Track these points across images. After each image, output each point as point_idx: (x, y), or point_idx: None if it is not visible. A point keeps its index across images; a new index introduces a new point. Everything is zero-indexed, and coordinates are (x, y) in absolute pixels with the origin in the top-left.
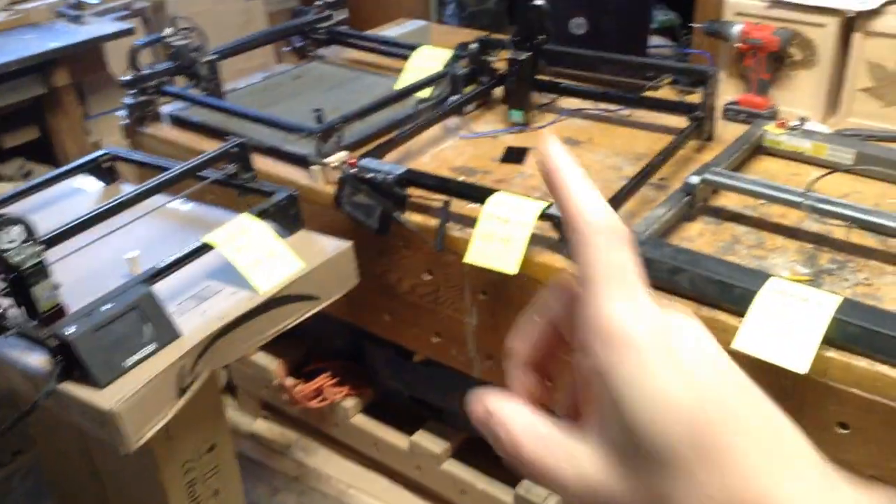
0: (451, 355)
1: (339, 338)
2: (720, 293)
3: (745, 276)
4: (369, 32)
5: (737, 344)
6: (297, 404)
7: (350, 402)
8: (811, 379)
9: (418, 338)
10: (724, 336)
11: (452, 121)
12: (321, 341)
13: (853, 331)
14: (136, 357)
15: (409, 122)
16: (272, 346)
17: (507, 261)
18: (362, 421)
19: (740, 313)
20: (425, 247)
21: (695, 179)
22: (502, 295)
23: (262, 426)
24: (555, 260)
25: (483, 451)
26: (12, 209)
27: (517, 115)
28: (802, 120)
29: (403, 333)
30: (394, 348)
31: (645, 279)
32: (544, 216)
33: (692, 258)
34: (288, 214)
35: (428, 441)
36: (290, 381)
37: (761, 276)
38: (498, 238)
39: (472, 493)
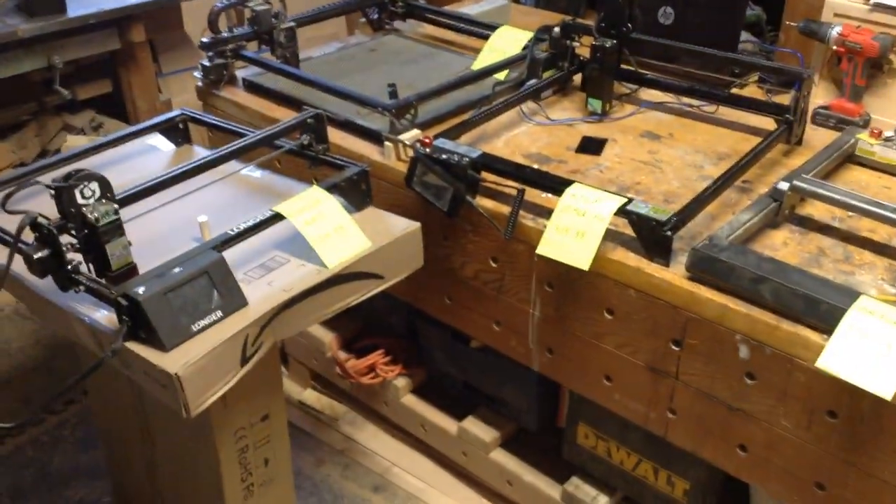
0: (510, 345)
1: (396, 316)
2: (806, 308)
3: (834, 292)
4: (447, 8)
5: (821, 362)
6: (349, 378)
7: (401, 382)
8: (893, 405)
9: (477, 324)
10: (805, 353)
11: (528, 106)
12: (377, 317)
13: None
14: (203, 322)
15: (485, 104)
16: (327, 319)
17: (580, 255)
18: (412, 401)
19: (824, 330)
20: (493, 233)
21: (784, 185)
22: (570, 289)
23: (311, 396)
24: (628, 258)
25: (532, 444)
26: (87, 163)
27: (596, 104)
28: None
29: (463, 318)
30: (450, 332)
31: None
32: (622, 212)
33: (777, 268)
34: (358, 190)
35: (477, 428)
36: (342, 355)
37: (851, 294)
38: (573, 231)
39: (517, 485)
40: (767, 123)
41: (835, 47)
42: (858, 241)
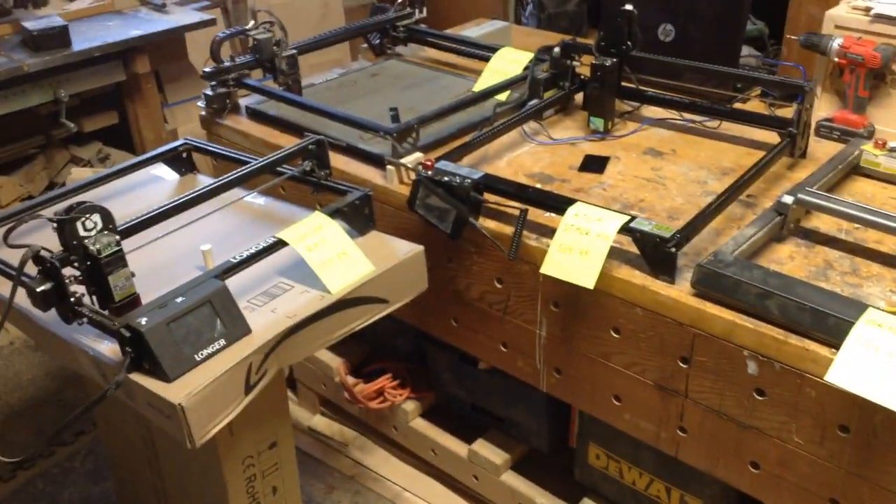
0: (518, 366)
1: (403, 339)
2: (813, 322)
3: (841, 305)
4: (448, 32)
5: (830, 377)
6: (358, 403)
7: (410, 405)
8: None
9: (484, 345)
10: (814, 367)
11: (530, 126)
12: (384, 341)
13: None
14: (206, 351)
15: (487, 125)
16: (335, 344)
17: (584, 274)
18: (422, 425)
19: (832, 344)
20: (498, 254)
21: (788, 199)
22: (576, 308)
23: (321, 422)
24: (633, 276)
25: (543, 466)
26: (91, 195)
27: (598, 123)
28: None
29: (469, 340)
30: (458, 354)
31: None
32: (625, 230)
33: (784, 283)
34: (361, 214)
35: (487, 450)
36: (351, 380)
37: (858, 307)
38: (576, 250)
39: None
40: (771, 137)
41: (837, 59)
42: (865, 252)
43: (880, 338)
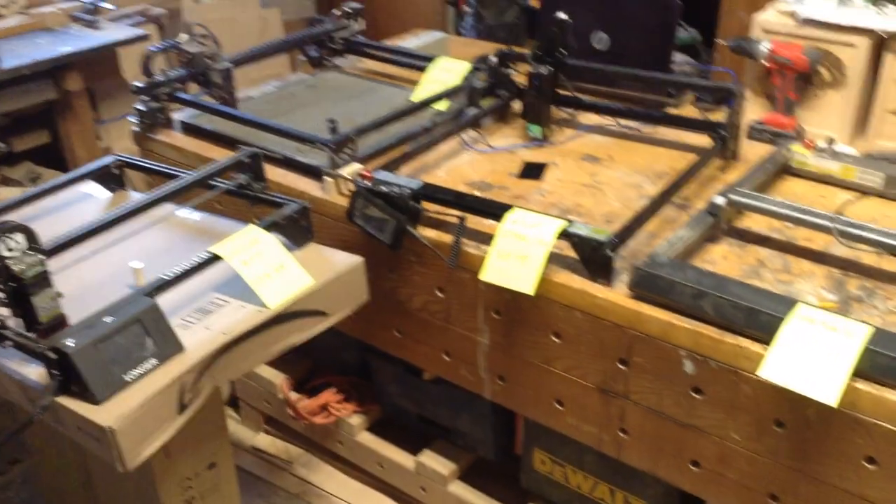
0: (461, 375)
1: (346, 353)
2: (746, 320)
3: (773, 302)
4: (386, 42)
5: (763, 372)
6: (302, 420)
7: (356, 419)
8: (838, 411)
9: (428, 356)
10: (749, 364)
11: (469, 134)
12: (327, 356)
13: (885, 362)
14: (136, 371)
15: (425, 134)
16: (276, 360)
17: (524, 280)
18: (368, 439)
19: (766, 341)
20: (438, 263)
21: (720, 200)
22: (517, 315)
23: (265, 440)
24: (572, 280)
25: (491, 474)
26: (18, 215)
27: (535, 130)
28: (831, 141)
29: (413, 351)
30: (402, 365)
31: None
32: (564, 234)
33: (717, 282)
34: (299, 227)
35: (434, 461)
36: (294, 396)
37: (789, 303)
38: (515, 256)
39: None
40: (703, 141)
41: (766, 63)
42: (796, 250)
43: (811, 333)
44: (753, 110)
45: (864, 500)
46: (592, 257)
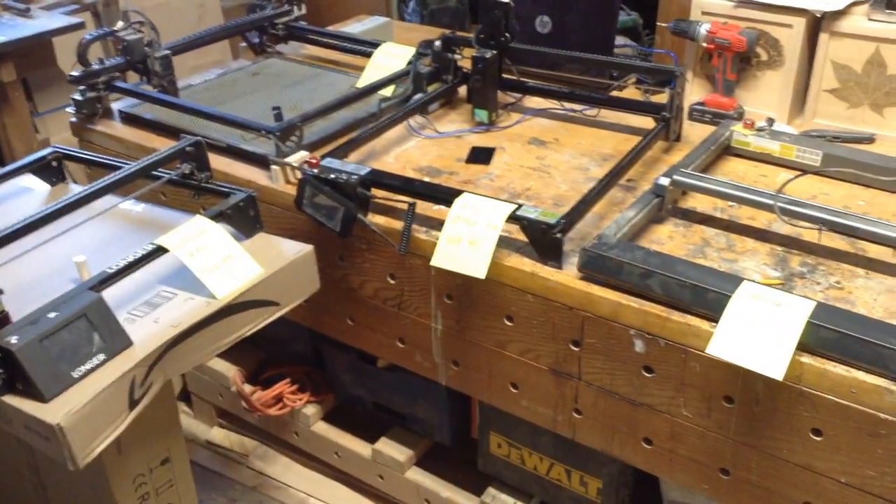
0: (416, 361)
1: (299, 343)
2: (693, 298)
3: (718, 280)
4: (329, 28)
5: (711, 349)
6: (256, 412)
7: (311, 410)
8: (784, 384)
9: (381, 343)
10: (697, 341)
11: (416, 120)
12: (280, 347)
13: (828, 336)
14: (84, 367)
15: (372, 121)
16: (228, 352)
17: (475, 265)
18: (323, 428)
19: (713, 318)
20: (389, 250)
21: (664, 181)
22: (469, 300)
23: (219, 434)
24: (523, 263)
25: (448, 459)
26: None
27: (482, 115)
28: (770, 121)
29: (366, 339)
30: (356, 354)
31: None
32: (513, 218)
33: (664, 262)
34: (246, 216)
35: (391, 448)
36: (247, 388)
37: (734, 281)
38: (465, 241)
39: (436, 502)
40: (647, 123)
41: (705, 45)
42: (740, 229)
43: (756, 309)
44: (694, 91)
45: (811, 472)
46: (542, 240)
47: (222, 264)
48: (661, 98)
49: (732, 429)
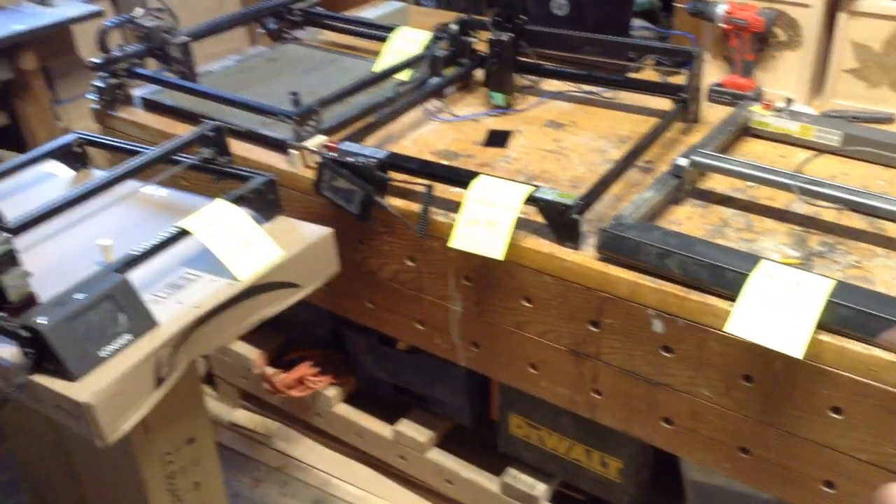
0: (435, 343)
1: (320, 326)
2: (711, 277)
3: (737, 259)
4: (346, 14)
5: (730, 328)
6: (278, 394)
7: (332, 391)
8: (804, 363)
9: (401, 325)
10: (716, 321)
11: (433, 104)
12: (301, 330)
13: (847, 314)
14: (111, 347)
15: (389, 105)
16: (251, 335)
17: (493, 246)
18: (345, 410)
19: (731, 297)
20: (407, 232)
21: (683, 161)
22: (487, 281)
23: (243, 416)
24: (540, 244)
25: (468, 440)
26: None
27: (499, 98)
28: (789, 101)
29: (386, 321)
30: (376, 336)
31: None
32: (531, 200)
33: (682, 241)
34: (266, 200)
35: (412, 430)
36: (270, 371)
37: (753, 260)
38: (483, 223)
39: (457, 482)
40: (665, 104)
41: (723, 25)
42: (759, 209)
43: (775, 288)
44: (712, 73)
45: (830, 450)
46: (559, 221)
47: (243, 246)
48: (679, 79)
49: (752, 408)
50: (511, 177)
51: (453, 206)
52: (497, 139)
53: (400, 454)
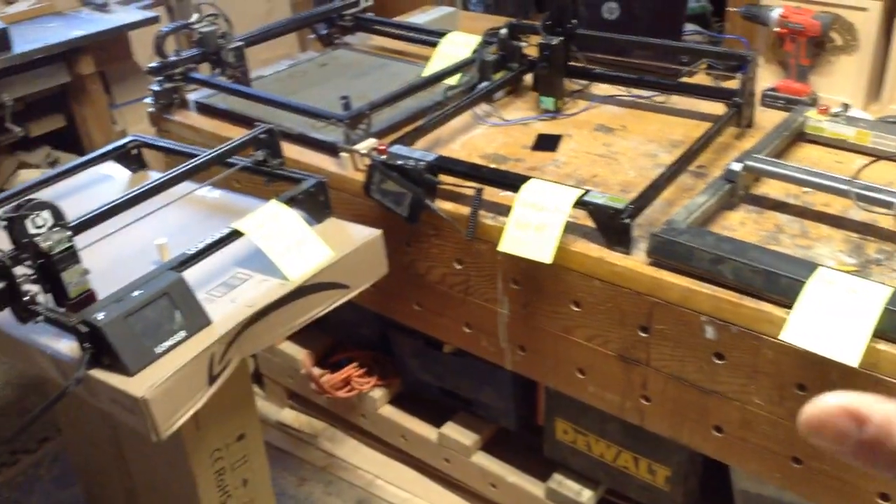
0: (482, 346)
1: (367, 328)
2: (766, 284)
3: (793, 266)
4: (395, 19)
5: (785, 335)
6: (325, 394)
7: (378, 393)
8: (860, 372)
9: (448, 328)
10: (770, 328)
11: (482, 108)
12: (348, 331)
13: None
14: (166, 344)
15: (438, 109)
16: (298, 336)
17: (541, 250)
18: (390, 412)
19: (786, 304)
20: (456, 235)
21: (737, 166)
22: (536, 285)
23: (289, 415)
24: (590, 249)
25: (513, 444)
26: (41, 196)
27: (548, 102)
28: (845, 106)
29: (433, 323)
30: (423, 338)
31: None
32: (580, 204)
33: (736, 247)
34: (317, 202)
35: (457, 433)
36: (317, 371)
37: (809, 267)
38: (532, 226)
39: (501, 486)
40: (717, 109)
41: (777, 29)
42: (814, 215)
43: (831, 296)
44: (766, 77)
45: None
46: (610, 225)
47: (295, 247)
48: (732, 84)
49: None
50: (560, 181)
51: (502, 210)
52: (546, 143)
53: (444, 457)
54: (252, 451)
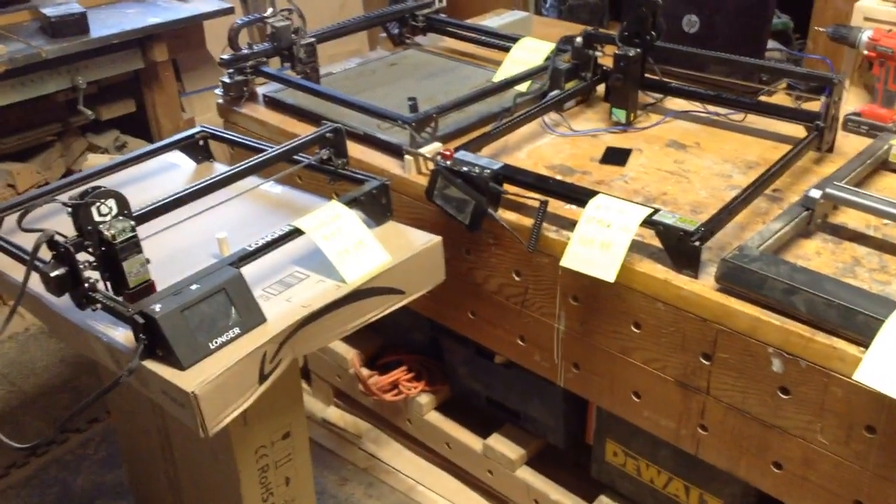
0: (535, 360)
1: (418, 332)
2: (841, 319)
3: (871, 302)
4: (468, 21)
5: (858, 376)
6: (372, 395)
7: (425, 398)
8: None
9: (502, 339)
10: (842, 366)
11: (551, 117)
12: (399, 334)
13: None
14: (220, 340)
15: (507, 115)
16: (349, 335)
17: (606, 268)
18: (436, 418)
19: (861, 343)
20: (517, 246)
21: (816, 193)
22: (596, 303)
23: (335, 414)
24: (655, 270)
25: (559, 462)
26: (108, 181)
27: (620, 115)
28: None
29: (486, 333)
30: (474, 347)
31: None
32: (648, 223)
33: (811, 279)
34: (378, 204)
35: (503, 445)
36: (365, 372)
37: (889, 305)
38: (597, 243)
39: (544, 503)
40: (797, 131)
41: (866, 52)
42: (895, 249)
43: None
44: (849, 100)
45: None
46: (679, 247)
47: (354, 250)
48: (814, 106)
49: (872, 460)
50: (628, 197)
51: (565, 224)
52: (615, 157)
53: (488, 468)
54: (296, 450)
